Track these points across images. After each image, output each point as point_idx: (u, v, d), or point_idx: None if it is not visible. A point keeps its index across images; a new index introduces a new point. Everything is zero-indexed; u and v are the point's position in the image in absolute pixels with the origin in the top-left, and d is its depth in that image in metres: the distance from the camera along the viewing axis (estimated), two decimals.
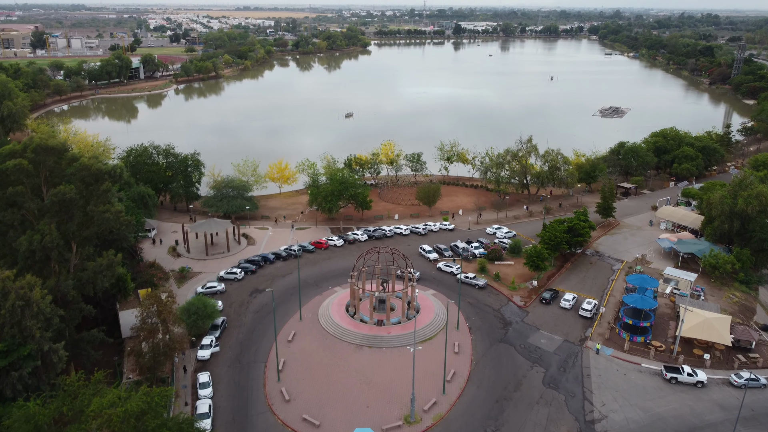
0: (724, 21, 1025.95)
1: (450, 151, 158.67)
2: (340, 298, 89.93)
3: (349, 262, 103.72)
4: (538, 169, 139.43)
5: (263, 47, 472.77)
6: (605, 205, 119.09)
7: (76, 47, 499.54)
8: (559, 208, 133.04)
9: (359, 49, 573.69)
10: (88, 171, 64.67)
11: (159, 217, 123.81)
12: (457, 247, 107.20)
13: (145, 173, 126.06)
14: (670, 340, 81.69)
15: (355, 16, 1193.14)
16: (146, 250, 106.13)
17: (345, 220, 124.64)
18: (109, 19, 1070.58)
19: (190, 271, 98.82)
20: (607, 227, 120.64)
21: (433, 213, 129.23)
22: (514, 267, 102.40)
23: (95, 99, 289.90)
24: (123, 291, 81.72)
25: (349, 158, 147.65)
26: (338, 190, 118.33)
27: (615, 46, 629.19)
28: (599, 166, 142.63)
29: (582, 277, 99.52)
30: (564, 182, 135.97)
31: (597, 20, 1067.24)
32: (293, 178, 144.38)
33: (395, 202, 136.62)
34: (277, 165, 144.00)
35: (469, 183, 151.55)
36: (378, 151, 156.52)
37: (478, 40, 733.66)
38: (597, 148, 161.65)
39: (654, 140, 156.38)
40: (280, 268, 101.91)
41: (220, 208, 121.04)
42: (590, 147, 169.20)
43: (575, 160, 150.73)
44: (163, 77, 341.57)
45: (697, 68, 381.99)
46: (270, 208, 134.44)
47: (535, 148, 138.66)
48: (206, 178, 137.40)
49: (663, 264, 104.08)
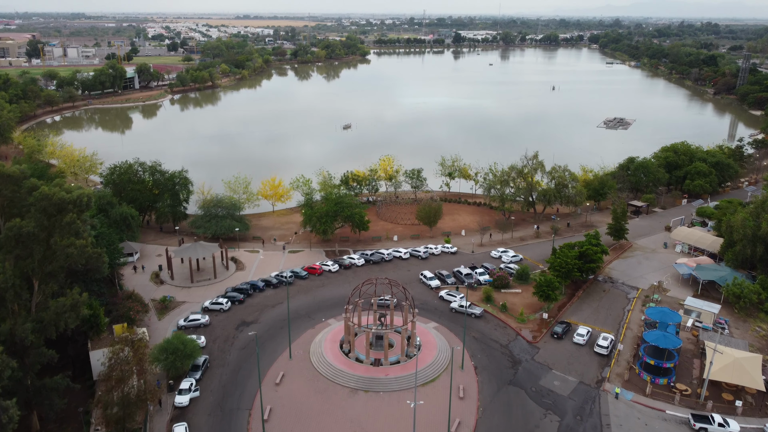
0: (724, 30, 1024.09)
1: (451, 167, 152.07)
2: (334, 332, 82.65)
3: (345, 289, 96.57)
4: (544, 187, 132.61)
5: (261, 56, 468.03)
6: (617, 226, 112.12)
7: (72, 56, 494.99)
8: (568, 228, 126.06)
9: (358, 58, 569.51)
10: (49, 201, 57.74)
11: (143, 238, 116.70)
12: (460, 274, 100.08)
13: (129, 192, 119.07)
14: (695, 382, 74.41)
15: (354, 25, 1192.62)
16: (127, 277, 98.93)
17: (341, 242, 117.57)
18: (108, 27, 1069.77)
19: (172, 301, 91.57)
20: (619, 250, 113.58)
21: (435, 234, 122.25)
22: (522, 295, 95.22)
23: (88, 110, 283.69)
24: (95, 327, 74.49)
25: (345, 175, 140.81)
26: (333, 211, 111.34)
27: (616, 55, 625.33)
28: (608, 183, 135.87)
29: (595, 308, 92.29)
30: (572, 200, 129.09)
31: (596, 29, 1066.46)
32: (287, 196, 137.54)
33: (394, 221, 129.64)
34: (270, 182, 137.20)
35: (472, 200, 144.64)
36: (376, 166, 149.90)
37: (478, 49, 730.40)
38: (605, 163, 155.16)
39: (664, 155, 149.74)
40: (270, 297, 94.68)
41: (208, 229, 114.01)
42: (597, 161, 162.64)
43: (583, 176, 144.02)
44: (158, 87, 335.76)
45: (701, 78, 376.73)
46: (262, 228, 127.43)
47: (542, 165, 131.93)
48: (196, 195, 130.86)
49: (681, 291, 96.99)
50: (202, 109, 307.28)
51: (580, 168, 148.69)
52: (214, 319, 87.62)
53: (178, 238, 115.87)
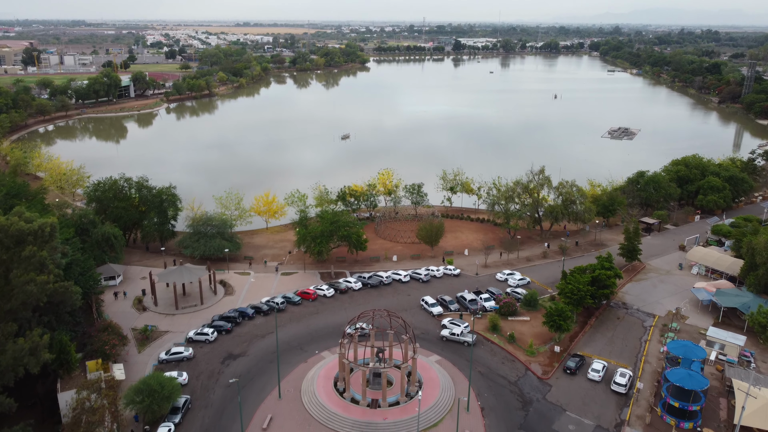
0: (724, 37, 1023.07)
1: (453, 180, 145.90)
2: (327, 368, 76.04)
3: (341, 317, 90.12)
4: (551, 203, 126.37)
5: (260, 64, 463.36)
6: (630, 246, 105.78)
7: (68, 64, 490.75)
8: (576, 248, 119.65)
9: (358, 65, 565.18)
10: (5, 233, 51.43)
11: (128, 259, 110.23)
12: (464, 299, 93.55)
13: (114, 210, 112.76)
14: (722, 425, 67.79)
15: (354, 32, 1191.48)
16: (108, 304, 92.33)
17: (337, 263, 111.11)
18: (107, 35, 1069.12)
19: (154, 331, 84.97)
20: (632, 272, 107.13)
21: (436, 253, 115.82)
22: (531, 323, 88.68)
23: (81, 119, 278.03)
24: (65, 365, 67.92)
25: (342, 190, 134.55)
26: (329, 231, 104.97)
27: (617, 62, 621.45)
28: (618, 198, 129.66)
29: (609, 337, 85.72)
30: (580, 217, 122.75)
31: (596, 36, 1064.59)
32: (281, 212, 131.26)
33: (393, 239, 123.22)
34: (264, 198, 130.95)
35: (475, 216, 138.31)
36: (375, 180, 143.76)
37: (478, 57, 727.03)
38: (612, 177, 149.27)
39: (675, 169, 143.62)
40: (260, 326, 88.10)
41: (196, 249, 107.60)
42: (605, 175, 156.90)
43: (590, 191, 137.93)
44: (154, 95, 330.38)
45: (705, 86, 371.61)
46: (254, 247, 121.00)
47: (548, 180, 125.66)
48: (186, 211, 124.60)
49: (701, 319, 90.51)
50: (199, 117, 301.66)
51: (588, 182, 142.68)
52: (199, 351, 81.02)
53: (163, 260, 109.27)
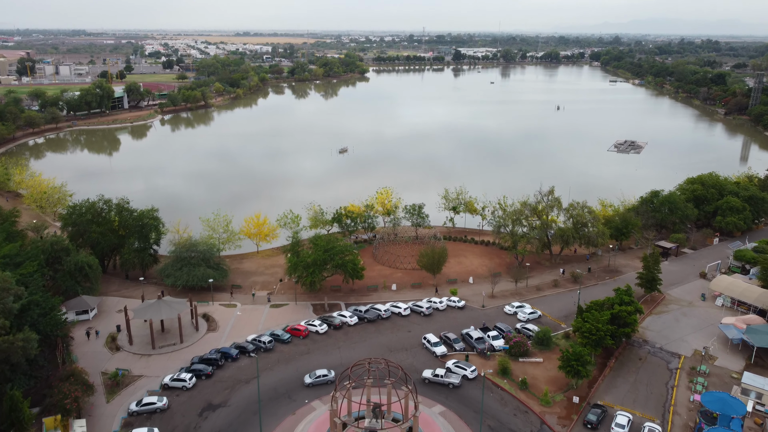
0: (724, 47, 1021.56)
1: (456, 200, 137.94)
2: (318, 422, 67.49)
3: (334, 357, 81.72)
4: (562, 225, 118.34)
5: (257, 74, 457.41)
6: (650, 276, 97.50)
7: (64, 74, 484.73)
8: (589, 275, 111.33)
9: (357, 75, 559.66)
10: None
11: (105, 289, 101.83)
12: (470, 337, 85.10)
13: (91, 235, 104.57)
14: None
15: (353, 42, 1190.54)
16: (78, 343, 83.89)
17: (331, 292, 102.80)
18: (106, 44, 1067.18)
19: (126, 376, 76.42)
20: (651, 303, 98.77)
21: (439, 281, 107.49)
22: (545, 366, 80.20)
23: (73, 131, 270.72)
24: (17, 424, 59.45)
25: (338, 212, 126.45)
26: (322, 259, 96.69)
27: (618, 72, 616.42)
28: (631, 221, 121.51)
29: (632, 383, 77.18)
30: (592, 241, 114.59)
31: (596, 46, 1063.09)
32: (273, 235, 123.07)
33: (393, 265, 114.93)
34: (254, 219, 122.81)
35: (479, 239, 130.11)
36: (373, 200, 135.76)
37: (478, 67, 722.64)
38: (624, 195, 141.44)
39: (691, 188, 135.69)
40: (245, 369, 79.57)
41: (178, 279, 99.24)
42: (615, 192, 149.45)
43: (602, 212, 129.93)
44: (148, 107, 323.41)
45: (710, 97, 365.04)
46: (243, 273, 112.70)
47: (558, 202, 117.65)
48: (171, 234, 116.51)
49: (731, 360, 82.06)
50: (194, 129, 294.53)
51: (599, 202, 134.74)
52: (175, 400, 72.43)
53: (142, 291, 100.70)
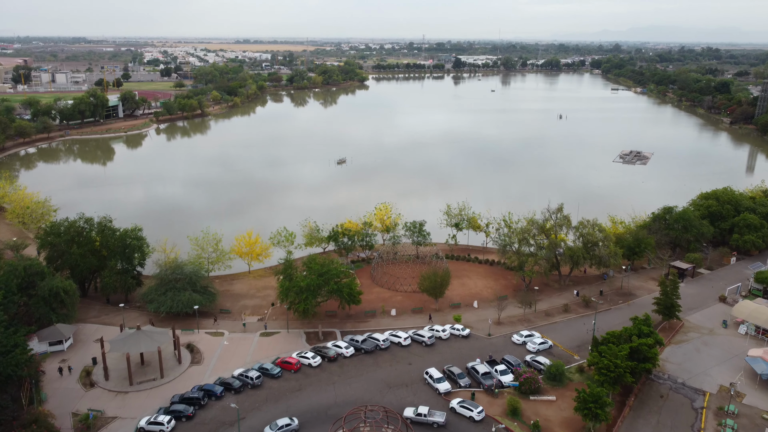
0: (725, 54, 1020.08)
1: (458, 215, 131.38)
2: None
3: (329, 395, 74.93)
4: (571, 244, 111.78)
5: (256, 82, 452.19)
6: (668, 302, 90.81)
7: (60, 82, 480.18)
8: (601, 298, 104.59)
9: (356, 83, 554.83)
10: None
11: (84, 315, 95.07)
12: (476, 372, 78.24)
13: (70, 257, 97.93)
14: None
15: (353, 50, 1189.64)
16: (49, 379, 77.03)
17: (326, 318, 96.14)
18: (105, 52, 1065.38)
19: (98, 418, 69.52)
20: (669, 331, 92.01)
21: (441, 305, 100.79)
22: (558, 405, 73.35)
23: (66, 141, 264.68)
24: None
25: (334, 229, 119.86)
26: (316, 284, 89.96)
27: (620, 80, 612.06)
28: (645, 239, 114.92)
29: (655, 425, 70.29)
30: (604, 262, 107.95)
31: (597, 54, 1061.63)
32: (265, 254, 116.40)
33: (392, 287, 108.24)
34: (246, 237, 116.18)
35: (483, 257, 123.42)
36: (371, 216, 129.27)
37: (478, 74, 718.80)
38: (635, 211, 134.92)
39: (706, 204, 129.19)
40: (230, 409, 72.49)
41: (162, 304, 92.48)
42: (623, 207, 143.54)
43: (613, 229, 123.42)
44: (144, 115, 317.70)
45: (715, 106, 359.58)
46: (233, 296, 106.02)
47: (567, 220, 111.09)
48: (158, 254, 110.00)
49: (761, 397, 75.27)
50: (190, 139, 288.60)
51: (609, 219, 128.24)
52: None
53: (122, 317, 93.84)
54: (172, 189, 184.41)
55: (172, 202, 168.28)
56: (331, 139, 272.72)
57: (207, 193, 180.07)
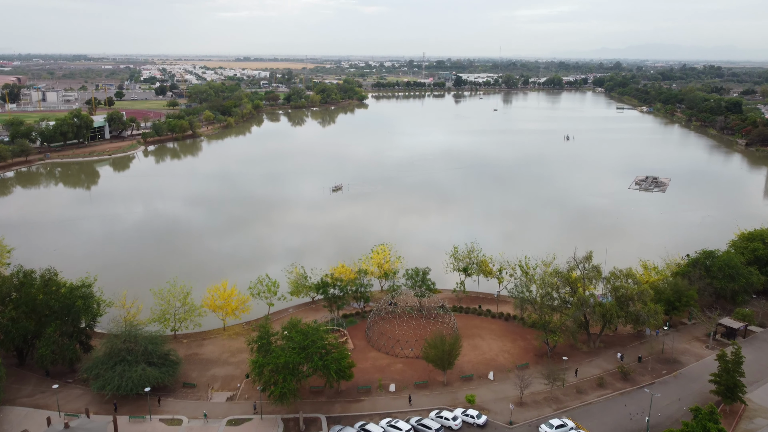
0: (727, 72, 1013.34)
1: (467, 258, 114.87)
2: None
3: None
4: (601, 297, 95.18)
5: (251, 101, 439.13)
6: (730, 382, 73.93)
7: (51, 100, 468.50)
8: (641, 366, 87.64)
9: (355, 102, 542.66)
10: None
11: (14, 393, 77.91)
12: None
13: (2, 320, 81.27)
14: None
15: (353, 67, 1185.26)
16: None
17: (311, 396, 79.18)
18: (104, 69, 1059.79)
19: None
20: (731, 416, 74.96)
21: (450, 377, 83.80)
22: None
23: (46, 164, 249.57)
24: None
25: (324, 279, 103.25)
26: (296, 362, 72.99)
27: (624, 99, 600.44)
28: (686, 292, 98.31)
29: None
30: (641, 320, 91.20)
31: (597, 71, 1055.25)
32: (243, 307, 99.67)
33: (391, 351, 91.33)
34: (220, 288, 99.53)
35: (496, 309, 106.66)
36: (367, 259, 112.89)
37: (480, 93, 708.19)
38: (668, 252, 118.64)
39: (751, 246, 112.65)
40: None
41: (108, 382, 75.41)
42: (653, 246, 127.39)
43: (645, 277, 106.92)
44: (132, 137, 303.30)
45: (727, 126, 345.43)
46: (202, 362, 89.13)
47: (598, 272, 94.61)
48: (116, 309, 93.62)
49: None
50: (180, 161, 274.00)
51: (640, 264, 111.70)
52: None
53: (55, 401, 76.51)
54: (151, 221, 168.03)
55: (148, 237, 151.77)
56: (327, 162, 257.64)
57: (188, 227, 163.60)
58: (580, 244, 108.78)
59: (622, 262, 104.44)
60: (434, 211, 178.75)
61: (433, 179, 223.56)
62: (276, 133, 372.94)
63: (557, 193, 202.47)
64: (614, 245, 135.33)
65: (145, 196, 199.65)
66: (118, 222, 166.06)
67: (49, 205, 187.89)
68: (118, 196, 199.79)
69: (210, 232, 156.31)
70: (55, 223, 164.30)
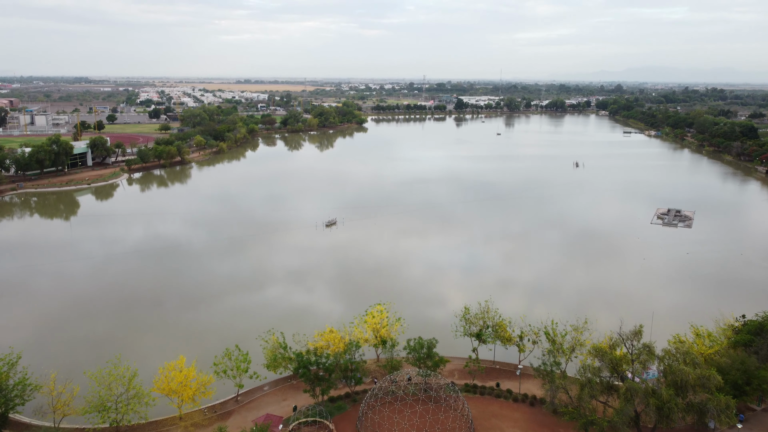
0: (730, 95, 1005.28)
1: (480, 319, 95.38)
2: None
3: None
4: (652, 383, 75.55)
5: (246, 125, 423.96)
6: None
7: (40, 124, 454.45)
8: None
9: (355, 126, 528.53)
10: None
11: None
12: None
13: None
14: None
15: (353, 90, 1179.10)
16: None
17: None
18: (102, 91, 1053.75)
19: None
20: None
21: None
22: None
23: (19, 194, 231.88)
24: None
25: (302, 355, 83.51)
26: None
27: (629, 122, 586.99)
28: (757, 372, 78.71)
29: None
30: (710, 415, 71.42)
31: (599, 94, 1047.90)
32: (203, 391, 79.90)
33: None
34: (175, 368, 79.73)
35: (517, 389, 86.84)
36: (360, 324, 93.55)
37: (481, 116, 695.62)
38: (721, 311, 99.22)
39: None
40: None
41: None
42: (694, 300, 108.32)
43: (699, 349, 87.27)
44: (116, 163, 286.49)
45: (744, 152, 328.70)
46: None
47: (651, 352, 75.09)
48: (42, 397, 74.33)
49: None
50: (167, 189, 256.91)
51: (690, 329, 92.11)
52: None
53: None
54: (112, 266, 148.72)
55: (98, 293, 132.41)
56: (323, 189, 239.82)
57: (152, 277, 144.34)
58: (610, 297, 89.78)
59: (664, 323, 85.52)
60: (439, 246, 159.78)
61: (440, 213, 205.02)
62: (271, 158, 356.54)
63: (574, 228, 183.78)
64: (645, 302, 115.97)
65: (104, 239, 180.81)
66: (68, 271, 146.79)
67: (5, 245, 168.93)
68: (80, 235, 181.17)
69: (175, 289, 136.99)
70: (20, 263, 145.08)
